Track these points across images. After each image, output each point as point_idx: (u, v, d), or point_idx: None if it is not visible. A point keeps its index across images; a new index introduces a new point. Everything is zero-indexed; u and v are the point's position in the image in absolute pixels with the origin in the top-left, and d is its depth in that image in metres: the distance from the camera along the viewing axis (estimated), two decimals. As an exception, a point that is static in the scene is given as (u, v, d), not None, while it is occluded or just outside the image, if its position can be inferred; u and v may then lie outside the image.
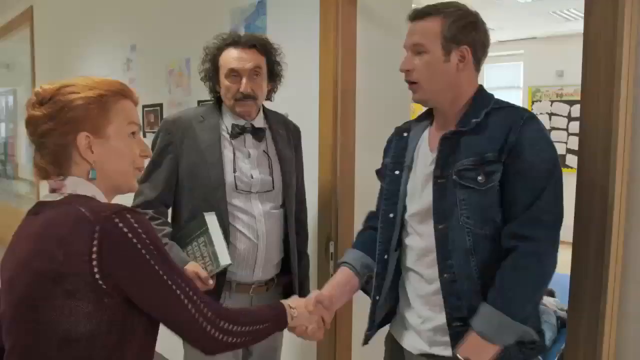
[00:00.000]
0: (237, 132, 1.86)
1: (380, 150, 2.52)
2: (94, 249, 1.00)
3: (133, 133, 1.18)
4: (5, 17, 6.34)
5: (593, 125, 1.42)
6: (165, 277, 1.05)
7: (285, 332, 2.06)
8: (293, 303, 1.42)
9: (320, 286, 2.29)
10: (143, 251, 1.03)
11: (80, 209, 1.04)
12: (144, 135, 3.48)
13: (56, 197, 1.11)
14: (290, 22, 2.39)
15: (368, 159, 2.40)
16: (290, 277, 1.97)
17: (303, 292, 2.01)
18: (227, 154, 1.85)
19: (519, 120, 1.36)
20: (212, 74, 1.88)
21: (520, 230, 1.33)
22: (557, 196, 1.34)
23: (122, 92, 1.17)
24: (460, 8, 1.43)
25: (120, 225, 1.02)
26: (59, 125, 1.09)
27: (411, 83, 1.47)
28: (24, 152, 6.32)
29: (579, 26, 1.49)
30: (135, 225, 1.04)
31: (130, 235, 1.02)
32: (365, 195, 2.40)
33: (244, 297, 1.87)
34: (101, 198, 1.13)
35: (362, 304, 2.40)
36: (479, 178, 1.37)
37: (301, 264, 2.03)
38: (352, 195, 2.31)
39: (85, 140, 1.10)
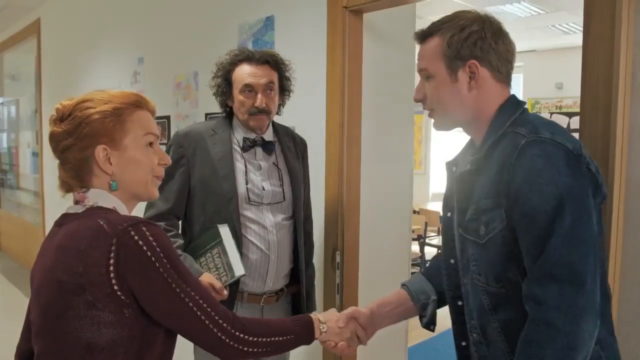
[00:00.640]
0: (249, 145, 1.91)
1: (386, 161, 2.59)
2: (111, 261, 1.03)
3: (150, 143, 1.20)
4: (12, 29, 6.41)
5: (592, 137, 1.48)
6: (177, 289, 1.07)
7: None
8: (324, 317, 1.39)
9: (326, 296, 2.34)
10: (156, 264, 1.06)
11: (99, 221, 1.07)
12: (151, 146, 3.54)
13: (79, 209, 1.15)
14: (298, 37, 2.44)
15: (374, 170, 2.46)
16: (298, 287, 2.01)
17: (310, 302, 2.04)
18: (239, 166, 1.89)
19: (513, 151, 1.12)
20: (225, 89, 1.91)
21: (529, 291, 1.09)
22: (571, 241, 1.05)
23: (137, 104, 1.20)
24: (462, 18, 1.24)
25: (136, 237, 1.05)
26: (77, 140, 1.13)
27: (430, 110, 1.32)
28: (28, 162, 6.38)
29: (577, 39, 1.50)
30: (150, 238, 1.06)
31: (144, 247, 1.05)
32: (371, 207, 2.46)
33: (255, 307, 1.91)
34: (122, 208, 1.17)
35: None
36: (480, 230, 1.19)
37: (307, 273, 2.06)
38: (357, 207, 2.36)
39: (103, 152, 1.13)
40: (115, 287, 1.04)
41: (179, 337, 1.17)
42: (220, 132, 1.92)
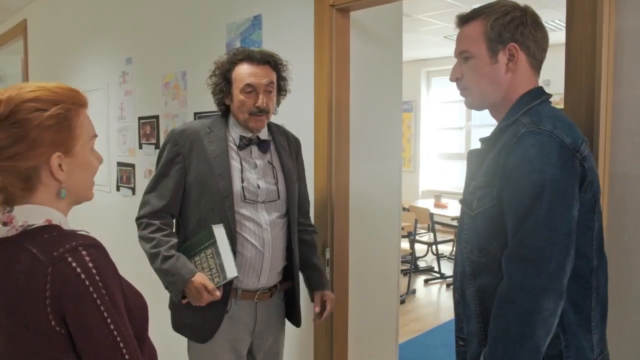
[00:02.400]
0: (245, 144, 1.92)
1: (375, 159, 2.61)
2: (47, 293, 0.96)
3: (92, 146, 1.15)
4: (-2, 31, 6.36)
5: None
6: (108, 318, 0.99)
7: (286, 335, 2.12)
8: None
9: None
10: (90, 289, 0.98)
11: (32, 250, 0.99)
12: (140, 147, 3.54)
13: (8, 231, 1.04)
14: (285, 36, 2.46)
15: (363, 168, 2.48)
16: (291, 284, 2.02)
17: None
18: (235, 164, 1.90)
19: (512, 138, 1.23)
20: (224, 87, 1.92)
21: (503, 264, 1.21)
22: (544, 227, 1.15)
23: (82, 102, 1.11)
24: (504, 5, 1.33)
25: (74, 264, 0.97)
26: (29, 149, 1.02)
27: (462, 89, 1.41)
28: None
29: (564, 36, 1.53)
30: (90, 264, 0.99)
31: (82, 275, 0.98)
32: (360, 204, 2.48)
33: (249, 304, 1.92)
34: (57, 218, 1.08)
35: (358, 302, 2.47)
36: (474, 203, 1.31)
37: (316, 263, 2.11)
38: (347, 203, 2.37)
39: (57, 160, 1.05)
40: (53, 323, 0.97)
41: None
42: (216, 130, 1.93)
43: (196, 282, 1.77)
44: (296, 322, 2.06)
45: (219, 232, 1.81)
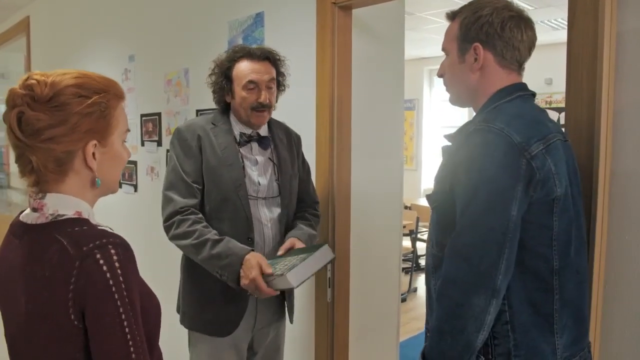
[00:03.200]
0: (245, 141, 1.93)
1: (376, 157, 2.61)
2: (71, 287, 0.97)
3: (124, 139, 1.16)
4: (1, 27, 6.37)
5: (577, 130, 1.50)
6: (124, 321, 0.99)
7: (287, 331, 2.13)
8: None
9: (318, 289, 2.36)
10: (113, 288, 0.98)
11: (63, 241, 1.00)
12: (142, 144, 3.55)
13: (38, 218, 1.06)
14: (287, 33, 2.46)
15: (364, 166, 2.48)
16: None
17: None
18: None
19: (463, 136, 1.27)
20: (225, 85, 1.92)
21: (444, 259, 1.25)
22: (477, 226, 1.18)
23: (121, 94, 1.13)
24: (479, 3, 1.33)
25: (101, 262, 0.98)
26: (68, 133, 1.03)
27: (445, 86, 1.45)
28: (19, 161, 6.35)
29: (566, 35, 1.55)
30: (116, 264, 0.99)
31: (108, 273, 0.98)
32: (361, 202, 2.48)
33: (249, 297, 1.91)
34: (86, 210, 1.09)
35: (359, 299, 2.48)
36: (433, 199, 1.35)
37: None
38: (348, 201, 2.38)
39: (92, 148, 1.07)
40: (72, 317, 0.98)
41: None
42: (220, 124, 1.94)
43: (250, 260, 1.72)
44: (290, 317, 2.06)
45: (325, 252, 1.76)
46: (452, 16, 1.39)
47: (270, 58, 1.93)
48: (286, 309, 2.06)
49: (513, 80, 1.33)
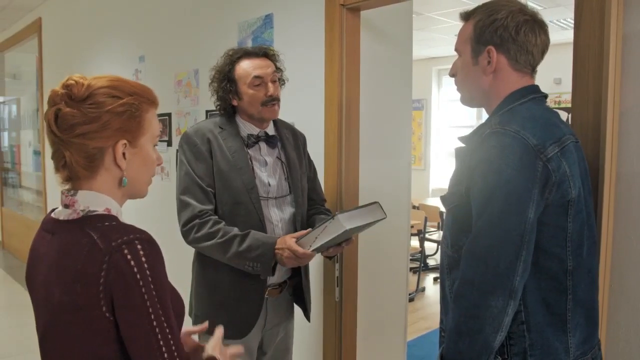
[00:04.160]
0: (253, 142, 1.94)
1: (384, 157, 2.62)
2: (102, 280, 1.01)
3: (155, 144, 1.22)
4: (13, 29, 6.44)
5: (583, 130, 1.51)
6: (152, 314, 1.03)
7: (295, 333, 2.15)
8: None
9: (325, 288, 2.38)
10: (140, 283, 1.01)
11: (93, 235, 1.04)
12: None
13: (69, 214, 1.11)
14: (296, 35, 2.48)
15: (372, 166, 2.50)
16: (299, 279, 2.04)
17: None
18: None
19: (479, 140, 1.27)
20: (230, 88, 1.93)
21: (461, 261, 1.25)
22: (495, 227, 1.18)
23: (154, 100, 1.18)
24: (494, 5, 1.33)
25: (129, 257, 1.01)
26: (100, 130, 1.08)
27: (456, 85, 1.45)
28: (30, 160, 6.42)
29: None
30: (143, 258, 1.02)
31: (135, 268, 1.01)
32: (369, 200, 2.48)
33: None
34: (115, 208, 1.14)
35: (367, 299, 2.49)
36: (447, 200, 1.36)
37: None
38: (356, 200, 2.39)
39: (122, 147, 1.11)
40: (104, 309, 1.02)
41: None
42: (227, 127, 1.95)
43: (279, 246, 1.76)
44: (307, 315, 2.07)
45: (375, 209, 1.77)
46: (466, 17, 1.38)
47: (267, 53, 1.95)
48: (305, 303, 2.06)
49: (526, 83, 1.34)
